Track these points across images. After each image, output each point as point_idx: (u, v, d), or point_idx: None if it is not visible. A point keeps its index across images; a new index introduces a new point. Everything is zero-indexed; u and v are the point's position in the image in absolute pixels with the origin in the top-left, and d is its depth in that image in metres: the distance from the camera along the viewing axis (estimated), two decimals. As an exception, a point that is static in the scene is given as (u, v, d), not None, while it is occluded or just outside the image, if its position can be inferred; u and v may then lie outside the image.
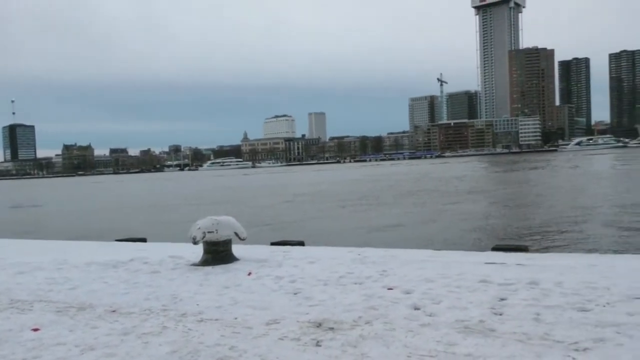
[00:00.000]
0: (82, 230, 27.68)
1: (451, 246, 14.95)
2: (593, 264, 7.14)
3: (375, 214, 28.79)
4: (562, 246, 16.06)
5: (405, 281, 6.29)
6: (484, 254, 8.58)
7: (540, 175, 62.92)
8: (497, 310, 4.97)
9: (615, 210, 25.03)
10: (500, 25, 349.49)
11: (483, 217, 25.51)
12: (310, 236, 18.38)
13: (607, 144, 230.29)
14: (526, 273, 6.53)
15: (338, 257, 8.40)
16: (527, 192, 39.63)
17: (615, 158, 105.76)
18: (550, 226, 20.92)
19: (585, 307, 4.93)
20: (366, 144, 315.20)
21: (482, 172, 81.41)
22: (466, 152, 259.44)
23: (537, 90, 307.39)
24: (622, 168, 68.65)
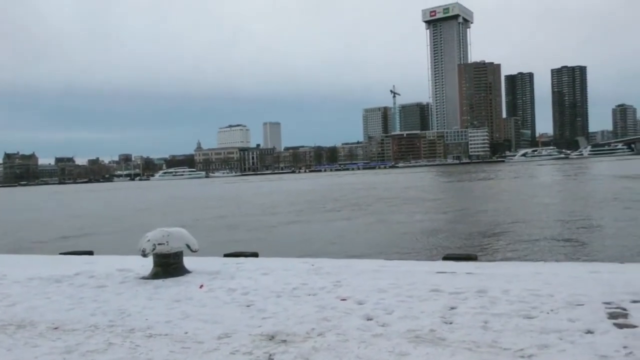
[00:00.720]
0: (21, 242, 26.42)
1: (404, 256, 15.17)
2: (538, 272, 7.40)
3: (331, 224, 28.89)
4: (509, 254, 16.58)
5: (358, 292, 6.33)
6: (435, 263, 8.75)
7: (489, 185, 64.96)
8: (447, 319, 5.06)
9: (558, 220, 26.11)
10: (450, 39, 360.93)
11: (435, 226, 26.04)
12: (265, 247, 18.24)
13: (551, 155, 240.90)
14: (475, 282, 6.70)
15: (292, 268, 8.37)
16: (477, 202, 40.79)
17: (557, 169, 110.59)
18: (499, 234, 21.58)
19: (531, 314, 5.10)
20: (321, 154, 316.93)
21: (434, 182, 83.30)
22: (419, 163, 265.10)
23: (485, 103, 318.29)
24: (565, 178, 71.83)
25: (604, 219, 24.87)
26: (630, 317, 4.89)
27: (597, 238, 19.57)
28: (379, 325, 4.94)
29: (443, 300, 5.79)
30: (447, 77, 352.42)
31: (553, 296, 5.75)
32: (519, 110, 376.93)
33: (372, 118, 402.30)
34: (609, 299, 5.51)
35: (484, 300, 5.68)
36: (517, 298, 5.74)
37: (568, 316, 4.97)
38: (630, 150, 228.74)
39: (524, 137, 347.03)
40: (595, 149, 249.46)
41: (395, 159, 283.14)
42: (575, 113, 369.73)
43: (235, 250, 11.59)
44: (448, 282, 6.72)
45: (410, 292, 6.16)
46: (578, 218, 26.00)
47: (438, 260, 9.41)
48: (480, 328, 4.73)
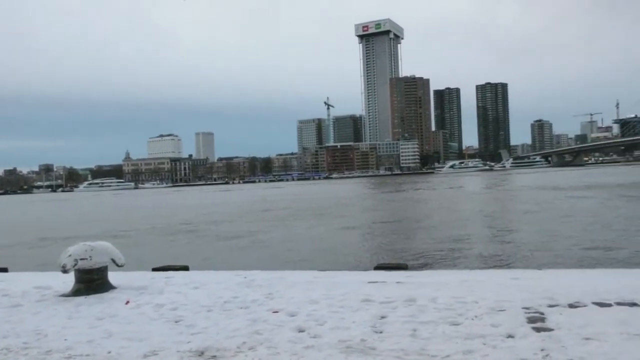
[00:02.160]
0: None
1: (338, 266, 15.29)
2: (464, 280, 7.68)
3: (266, 235, 28.65)
4: (439, 263, 17.14)
5: (291, 303, 6.29)
6: (367, 273, 8.87)
7: (419, 196, 67.00)
8: (377, 328, 5.13)
9: (485, 228, 27.33)
10: (382, 54, 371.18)
11: (369, 236, 26.48)
12: (196, 260, 17.79)
13: (476, 167, 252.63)
14: (405, 290, 6.85)
15: (224, 281, 8.20)
16: (409, 211, 41.93)
17: (483, 180, 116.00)
18: (429, 243, 22.24)
19: (457, 321, 5.27)
20: (255, 164, 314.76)
21: (368, 193, 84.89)
22: (352, 174, 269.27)
23: (416, 116, 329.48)
24: (490, 189, 75.43)
25: (526, 228, 26.29)
26: (548, 321, 5.17)
27: (519, 246, 20.62)
28: (310, 336, 4.93)
29: (374, 309, 5.87)
30: (379, 91, 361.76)
31: (478, 303, 5.98)
32: (447, 123, 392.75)
33: (307, 129, 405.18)
34: (529, 304, 5.81)
35: (413, 309, 5.81)
36: (445, 305, 5.92)
37: (491, 322, 5.18)
38: (547, 163, 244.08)
39: (452, 149, 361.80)
40: (516, 161, 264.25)
41: (329, 170, 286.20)
42: (498, 127, 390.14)
43: (164, 264, 11.20)
44: (379, 291, 6.83)
45: (342, 303, 6.20)
46: (502, 227, 27.34)
47: (370, 270, 9.55)
48: (409, 336, 4.83)
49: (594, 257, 16.58)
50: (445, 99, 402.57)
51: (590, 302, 5.79)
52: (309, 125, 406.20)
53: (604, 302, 5.74)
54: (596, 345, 4.33)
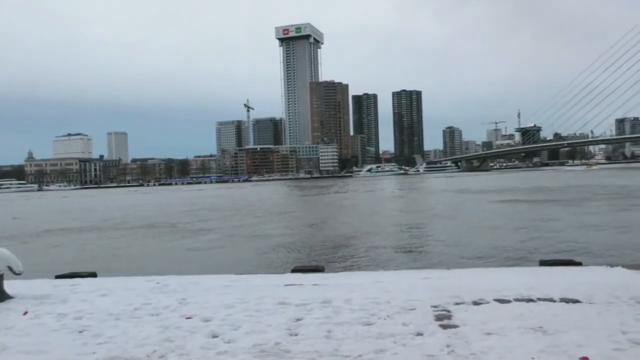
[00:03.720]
0: None
1: (255, 270, 15.16)
2: (378, 281, 7.91)
3: (179, 239, 27.83)
4: (355, 264, 17.51)
5: (205, 308, 6.15)
6: (284, 276, 8.88)
7: (339, 198, 68.15)
8: (293, 331, 5.15)
9: (400, 230, 28.30)
10: (302, 58, 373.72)
11: (287, 238, 26.51)
12: (105, 266, 16.95)
13: (392, 171, 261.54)
14: (321, 292, 6.92)
15: (135, 287, 7.86)
16: (328, 214, 42.49)
17: (398, 183, 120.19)
18: (346, 246, 22.67)
19: (370, 321, 5.41)
20: (172, 166, 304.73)
21: (288, 196, 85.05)
22: (272, 177, 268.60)
23: (335, 120, 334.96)
24: (405, 192, 78.28)
25: (438, 229, 27.55)
26: (454, 318, 5.44)
27: (430, 246, 21.57)
28: (224, 342, 4.85)
29: (290, 312, 5.88)
30: (299, 94, 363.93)
31: (390, 303, 6.17)
32: (365, 128, 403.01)
33: (226, 131, 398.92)
34: (437, 303, 6.08)
35: (329, 311, 5.89)
36: (359, 306, 6.04)
37: (402, 321, 5.36)
38: (457, 167, 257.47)
39: (369, 153, 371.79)
40: (429, 165, 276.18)
41: (249, 173, 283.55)
42: (412, 133, 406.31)
43: (70, 270, 10.54)
44: (295, 294, 6.85)
45: (258, 307, 6.16)
46: (416, 228, 28.45)
47: (287, 273, 9.56)
48: (324, 338, 4.89)
49: (498, 256, 17.71)
50: (363, 104, 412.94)
51: (492, 299, 6.16)
52: (228, 127, 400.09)
53: (504, 299, 6.14)
54: (496, 340, 4.62)
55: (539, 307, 5.74)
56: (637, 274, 7.56)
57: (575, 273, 7.87)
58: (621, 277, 7.30)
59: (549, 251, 18.26)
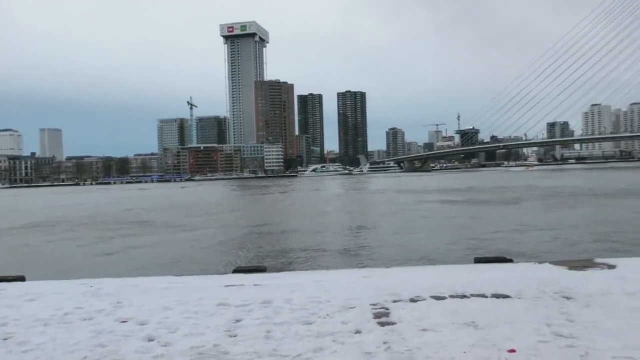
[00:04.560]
0: None
1: (197, 271, 14.88)
2: (320, 280, 7.95)
3: (119, 241, 26.89)
4: (298, 264, 17.53)
5: (141, 312, 5.97)
6: (225, 277, 8.76)
7: (284, 199, 68.01)
8: (232, 332, 5.09)
9: (344, 230, 28.59)
10: (247, 57, 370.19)
11: (230, 239, 26.19)
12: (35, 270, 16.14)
13: (337, 171, 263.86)
14: (262, 293, 6.89)
15: (66, 291, 7.52)
16: (273, 214, 42.31)
17: (343, 183, 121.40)
18: (290, 245, 22.65)
19: (310, 321, 5.43)
20: (110, 165, 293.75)
21: (232, 196, 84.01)
22: (216, 176, 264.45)
23: (280, 120, 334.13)
24: (350, 192, 79.15)
25: (381, 228, 28.03)
26: (392, 315, 5.55)
27: (372, 245, 21.92)
28: (161, 345, 4.73)
29: (230, 313, 5.82)
30: (244, 93, 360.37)
31: (330, 302, 6.22)
32: (310, 128, 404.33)
33: (169, 129, 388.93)
34: (376, 301, 6.19)
35: (269, 311, 5.87)
36: (299, 306, 6.06)
37: (342, 319, 5.42)
38: (400, 168, 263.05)
39: (315, 153, 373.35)
40: (373, 166, 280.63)
41: (192, 172, 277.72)
42: (357, 134, 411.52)
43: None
44: (236, 295, 6.78)
45: (197, 308, 6.05)
46: (360, 228, 28.82)
47: (228, 274, 9.45)
48: (263, 338, 4.86)
49: (437, 254, 18.24)
50: (309, 104, 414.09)
51: (429, 296, 6.34)
52: (170, 125, 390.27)
53: (440, 296, 6.33)
54: (431, 336, 4.76)
55: (473, 303, 5.97)
56: (563, 269, 7.99)
57: (507, 270, 8.22)
58: (548, 273, 7.70)
59: (485, 249, 19.00)
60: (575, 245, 19.97)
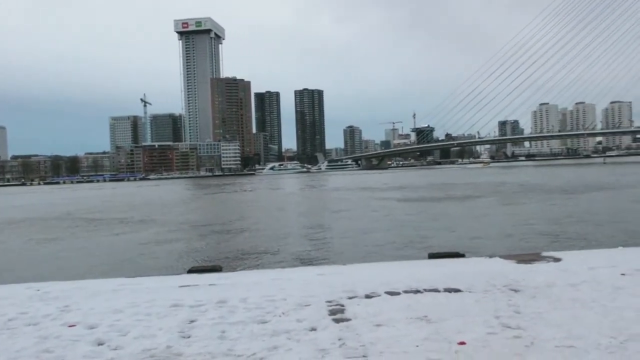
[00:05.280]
0: None
1: (149, 272, 14.55)
2: (276, 278, 7.93)
3: (64, 244, 25.98)
4: (254, 263, 17.43)
5: (90, 315, 5.79)
6: (179, 277, 8.61)
7: (241, 197, 67.42)
8: (185, 333, 5.01)
9: (302, 228, 28.60)
10: (202, 53, 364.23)
11: (186, 239, 25.76)
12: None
13: (295, 169, 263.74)
14: (217, 292, 6.81)
15: (11, 296, 7.21)
16: (229, 213, 41.86)
17: (301, 181, 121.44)
18: (248, 244, 22.48)
19: (265, 319, 5.41)
20: (59, 164, 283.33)
21: (188, 195, 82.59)
22: (171, 175, 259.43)
23: (237, 117, 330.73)
24: (308, 190, 79.25)
25: (338, 225, 28.21)
26: (346, 311, 5.60)
27: (330, 243, 22.04)
28: (110, 349, 4.60)
29: (183, 314, 5.72)
30: (200, 90, 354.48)
31: (286, 300, 6.22)
32: (268, 126, 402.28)
33: (121, 127, 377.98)
34: (331, 298, 6.23)
35: (224, 311, 5.81)
36: (255, 305, 6.03)
37: (297, 317, 5.43)
38: (357, 166, 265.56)
39: (272, 151, 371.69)
40: (330, 164, 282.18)
41: (146, 171, 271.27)
42: (314, 131, 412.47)
43: None
44: (190, 295, 6.68)
45: (149, 310, 5.92)
46: (317, 226, 28.91)
47: (183, 274, 9.29)
48: (217, 338, 4.81)
49: (394, 250, 18.52)
50: (266, 102, 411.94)
51: (384, 292, 6.43)
52: (123, 122, 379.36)
53: (394, 291, 6.43)
54: (385, 330, 4.83)
55: (425, 297, 6.09)
56: (512, 263, 8.27)
57: (459, 264, 8.45)
58: (498, 267, 7.95)
59: (440, 244, 19.42)
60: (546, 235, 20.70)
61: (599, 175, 74.91)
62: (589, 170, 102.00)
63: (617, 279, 6.55)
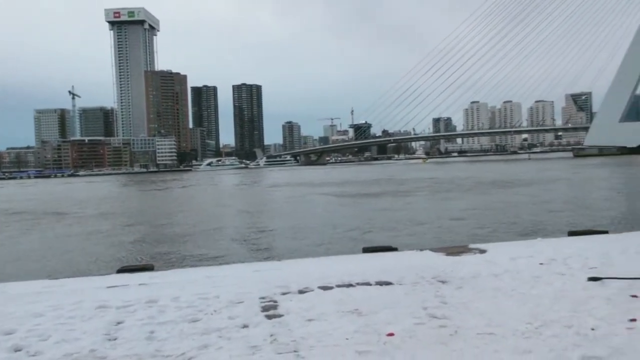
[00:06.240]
0: None
1: (76, 273, 13.94)
2: (209, 276, 7.80)
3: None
4: (189, 261, 17.08)
5: (8, 320, 5.47)
6: (108, 278, 8.29)
7: (177, 194, 65.78)
8: (111, 335, 4.84)
9: (240, 224, 28.32)
10: (136, 44, 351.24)
11: (120, 238, 24.87)
12: None
13: (233, 165, 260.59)
14: (148, 292, 6.62)
15: None
16: (164, 210, 40.76)
17: (239, 177, 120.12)
18: (184, 242, 22.02)
19: (196, 318, 5.32)
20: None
21: (121, 192, 79.64)
22: (102, 171, 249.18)
23: (173, 112, 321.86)
24: (246, 186, 78.52)
25: (276, 221, 28.15)
26: (279, 307, 5.61)
27: (268, 239, 21.97)
28: (29, 355, 4.37)
29: (110, 316, 5.52)
30: (133, 83, 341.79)
31: (219, 297, 6.14)
32: (205, 121, 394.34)
33: (47, 121, 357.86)
34: (265, 294, 6.21)
35: (153, 311, 5.66)
36: (186, 304, 5.91)
37: (229, 314, 5.38)
38: (296, 161, 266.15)
39: (209, 147, 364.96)
40: (269, 159, 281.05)
41: (75, 167, 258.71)
42: (253, 127, 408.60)
43: None
44: (118, 296, 6.45)
45: (73, 313, 5.66)
46: (255, 222, 28.75)
47: (112, 274, 8.96)
48: (145, 339, 4.68)
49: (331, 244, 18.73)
50: (203, 96, 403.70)
51: (317, 287, 6.49)
52: (49, 115, 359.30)
53: (327, 286, 6.50)
54: (317, 325, 4.88)
55: (357, 291, 6.21)
56: (441, 255, 8.58)
57: (391, 258, 8.66)
58: (428, 260, 8.22)
59: (375, 239, 19.85)
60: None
61: (528, 171, 79.21)
62: (517, 165, 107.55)
63: (536, 268, 6.95)
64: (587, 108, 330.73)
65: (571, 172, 71.22)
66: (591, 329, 4.37)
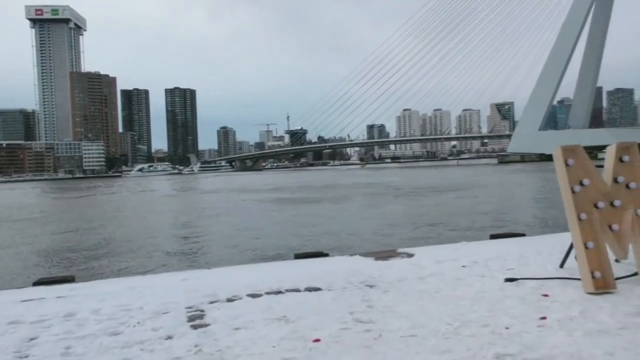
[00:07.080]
0: None
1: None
2: (133, 286, 7.52)
3: None
4: (113, 272, 16.41)
5: None
6: (22, 291, 7.80)
7: (103, 201, 63.07)
8: (23, 353, 4.56)
9: (169, 233, 27.54)
10: (60, 44, 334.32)
11: (36, 248, 23.48)
12: None
13: (165, 171, 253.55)
14: (65, 305, 6.29)
15: None
16: (88, 219, 38.96)
17: (172, 184, 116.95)
18: (107, 252, 21.14)
19: (118, 330, 5.11)
20: None
21: (41, 199, 75.30)
22: (22, 177, 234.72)
23: (101, 115, 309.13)
24: (178, 193, 76.54)
25: (209, 230, 27.63)
26: (206, 317, 5.50)
27: (201, 248, 21.52)
28: None
29: (22, 332, 5.19)
30: (57, 84, 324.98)
31: (143, 308, 5.93)
32: (136, 125, 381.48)
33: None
34: (192, 303, 6.07)
35: (71, 324, 5.38)
36: (107, 316, 5.67)
37: (153, 326, 5.20)
38: (231, 167, 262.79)
39: (141, 152, 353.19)
40: (204, 165, 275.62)
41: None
42: (187, 132, 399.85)
43: None
44: (33, 310, 6.08)
45: (-20, 330, 5.27)
46: (187, 230, 28.06)
47: (27, 287, 8.43)
48: (60, 355, 4.44)
49: (264, 252, 18.61)
50: (134, 100, 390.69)
51: (246, 294, 6.42)
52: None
53: (256, 293, 6.45)
54: (243, 333, 4.82)
55: (286, 298, 6.20)
56: (370, 260, 8.74)
57: (321, 263, 8.72)
58: (357, 264, 8.35)
59: (308, 244, 19.94)
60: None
61: (457, 176, 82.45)
62: (447, 171, 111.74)
63: (458, 271, 7.23)
64: (510, 117, 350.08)
65: (496, 177, 74.96)
66: (505, 327, 4.60)
